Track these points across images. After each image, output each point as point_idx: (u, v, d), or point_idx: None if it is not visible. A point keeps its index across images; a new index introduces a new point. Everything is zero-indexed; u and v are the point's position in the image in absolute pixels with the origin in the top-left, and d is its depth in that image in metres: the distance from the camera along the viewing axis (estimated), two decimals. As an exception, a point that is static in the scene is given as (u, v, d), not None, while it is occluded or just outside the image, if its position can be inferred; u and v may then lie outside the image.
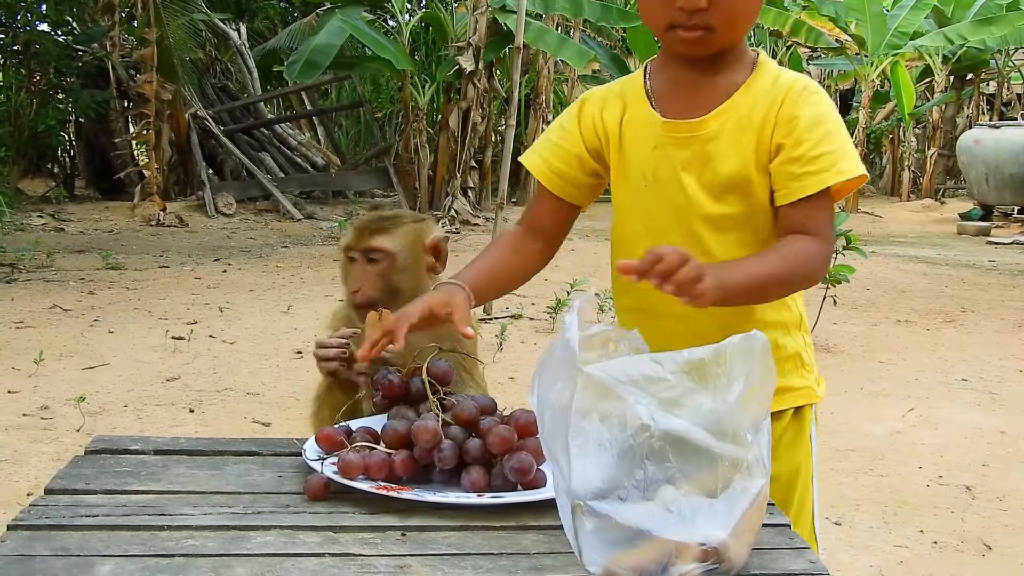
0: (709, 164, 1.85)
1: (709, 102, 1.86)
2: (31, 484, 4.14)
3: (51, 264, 9.57)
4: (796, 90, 1.84)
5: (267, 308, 7.87)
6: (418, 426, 1.53)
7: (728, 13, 1.78)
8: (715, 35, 1.80)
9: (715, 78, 1.87)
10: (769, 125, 1.82)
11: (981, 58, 20.61)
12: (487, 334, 6.79)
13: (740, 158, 1.83)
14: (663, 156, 1.88)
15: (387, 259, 2.05)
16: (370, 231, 2.06)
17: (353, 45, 16.16)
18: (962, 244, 14.39)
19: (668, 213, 1.89)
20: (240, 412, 5.24)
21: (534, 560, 1.32)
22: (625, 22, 14.84)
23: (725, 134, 1.84)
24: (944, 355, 7.09)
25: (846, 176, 1.78)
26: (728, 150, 1.84)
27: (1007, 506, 4.31)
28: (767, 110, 1.83)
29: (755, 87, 1.86)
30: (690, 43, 1.81)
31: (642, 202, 1.92)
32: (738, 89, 1.86)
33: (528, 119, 17.23)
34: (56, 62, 14.06)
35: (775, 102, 1.83)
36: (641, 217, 1.93)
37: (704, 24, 1.78)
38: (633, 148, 1.92)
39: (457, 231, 13.57)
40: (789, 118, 1.81)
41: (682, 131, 1.87)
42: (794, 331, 1.96)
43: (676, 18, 1.79)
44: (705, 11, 1.76)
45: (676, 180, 1.87)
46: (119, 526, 1.36)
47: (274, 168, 15.79)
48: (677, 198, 1.87)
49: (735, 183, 1.84)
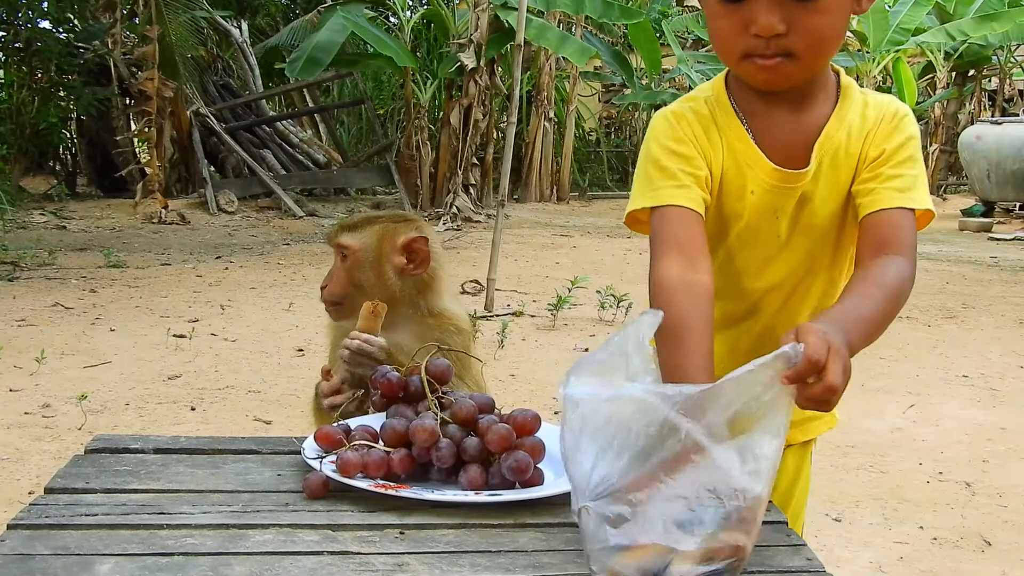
0: (807, 206, 1.76)
1: (806, 141, 1.74)
2: (32, 482, 4.15)
3: (53, 262, 9.58)
4: (887, 119, 1.75)
5: (269, 306, 7.88)
6: (416, 425, 1.54)
7: (810, 37, 1.62)
8: (797, 62, 1.64)
9: (805, 115, 1.75)
10: (861, 154, 1.74)
11: (983, 54, 20.58)
12: (488, 331, 6.80)
13: (838, 198, 1.75)
14: (764, 203, 1.76)
15: (351, 256, 2.10)
16: (340, 228, 2.14)
17: (355, 42, 16.17)
18: (964, 240, 14.39)
19: (754, 255, 1.81)
20: (241, 410, 5.25)
21: (532, 558, 1.32)
22: (627, 19, 14.84)
23: (822, 175, 1.74)
24: (945, 351, 7.10)
25: (919, 205, 1.69)
26: (825, 192, 1.75)
27: (1007, 502, 4.31)
28: (858, 141, 1.73)
29: (845, 117, 1.75)
30: (768, 71, 1.65)
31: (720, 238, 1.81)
32: (828, 121, 1.74)
33: (529, 116, 17.23)
34: (58, 59, 14.08)
35: (868, 136, 1.73)
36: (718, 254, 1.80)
37: (783, 50, 1.62)
38: (730, 186, 1.77)
39: (459, 228, 13.58)
40: (880, 144, 1.73)
41: (790, 181, 1.74)
42: None
43: (752, 46, 1.63)
44: (784, 36, 1.60)
45: (773, 224, 1.78)
46: (119, 525, 1.37)
47: (276, 165, 15.78)
48: (769, 242, 1.79)
49: (832, 223, 1.77)
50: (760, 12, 1.59)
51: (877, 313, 1.56)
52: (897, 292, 1.60)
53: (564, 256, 10.90)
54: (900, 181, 1.69)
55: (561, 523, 1.40)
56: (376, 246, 2.10)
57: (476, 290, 8.53)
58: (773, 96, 1.73)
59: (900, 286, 1.61)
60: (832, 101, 1.76)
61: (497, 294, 8.07)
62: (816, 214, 1.76)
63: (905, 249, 1.65)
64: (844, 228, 1.79)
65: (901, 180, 1.69)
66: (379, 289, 2.07)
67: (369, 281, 2.09)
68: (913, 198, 1.69)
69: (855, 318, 1.52)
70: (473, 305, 7.83)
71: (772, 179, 1.74)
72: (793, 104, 1.74)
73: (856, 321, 1.51)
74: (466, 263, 9.96)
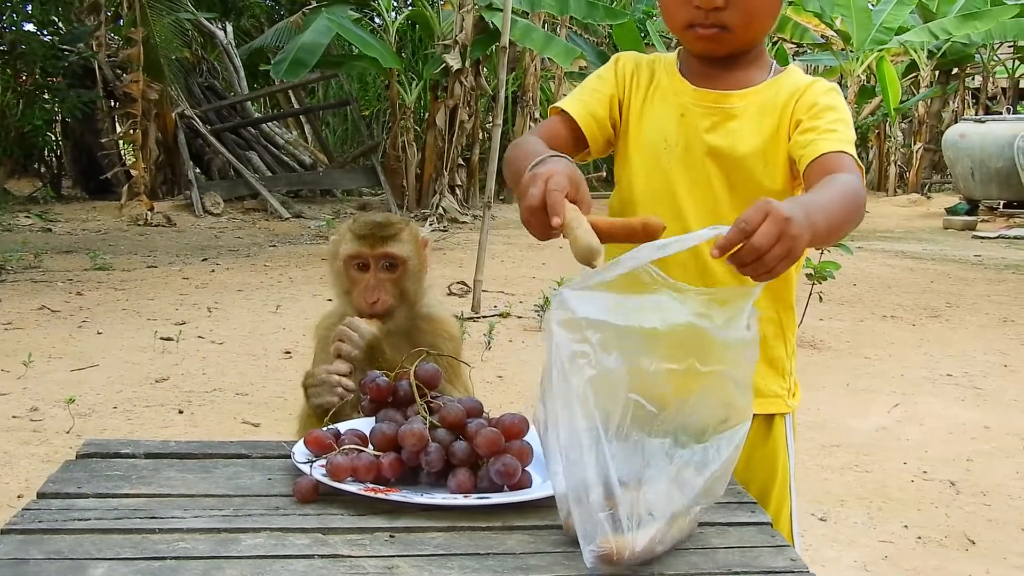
0: (727, 139, 1.89)
1: (735, 86, 1.92)
2: (21, 486, 4.14)
3: (39, 265, 9.57)
4: (818, 86, 1.90)
5: (256, 308, 7.88)
6: (405, 430, 1.55)
7: (744, 12, 1.82)
8: (731, 34, 1.84)
9: (736, 72, 1.92)
10: (789, 107, 1.87)
11: (966, 53, 20.69)
12: (475, 333, 6.81)
13: (758, 140, 1.88)
14: (688, 124, 1.91)
15: (401, 265, 2.04)
16: (383, 238, 2.03)
17: (340, 43, 16.17)
18: (948, 239, 14.46)
19: (684, 179, 1.91)
20: (230, 412, 5.25)
21: (520, 560, 1.33)
22: (611, 19, 14.87)
23: (748, 116, 1.89)
24: (929, 350, 7.14)
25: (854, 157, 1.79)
26: (749, 130, 1.88)
27: (991, 501, 4.35)
28: (789, 96, 1.88)
29: (780, 82, 1.92)
30: (706, 40, 1.86)
31: (656, 167, 1.94)
32: (762, 83, 1.92)
33: (515, 117, 17.25)
34: (42, 62, 14.03)
35: (797, 90, 1.88)
36: (652, 183, 1.94)
37: (720, 23, 1.82)
38: (656, 113, 1.95)
39: (445, 229, 13.58)
40: (810, 103, 1.86)
41: (709, 100, 1.91)
42: (789, 334, 1.99)
43: (693, 16, 1.84)
44: (722, 10, 1.81)
45: (697, 148, 1.90)
46: (111, 530, 1.38)
47: (261, 167, 15.78)
48: (696, 166, 1.90)
49: (749, 164, 1.87)
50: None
51: (833, 203, 1.60)
52: (853, 191, 1.66)
53: (550, 257, 10.90)
54: (838, 135, 1.80)
55: (549, 525, 1.42)
56: (417, 251, 2.07)
57: (463, 291, 8.54)
58: (711, 61, 1.92)
59: (851, 187, 1.66)
60: (766, 73, 1.94)
61: (484, 295, 8.08)
62: (735, 149, 1.88)
63: (852, 171, 1.73)
64: (764, 171, 1.88)
65: (838, 134, 1.80)
66: (417, 294, 2.06)
67: (412, 288, 2.06)
68: (851, 151, 1.79)
69: (816, 202, 1.56)
70: (460, 307, 7.84)
71: (693, 98, 1.92)
72: (728, 67, 1.92)
73: (817, 205, 1.54)
74: (453, 264, 9.97)
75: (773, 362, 1.96)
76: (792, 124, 1.86)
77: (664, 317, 1.35)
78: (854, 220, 1.67)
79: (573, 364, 1.31)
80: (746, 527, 1.46)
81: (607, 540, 1.27)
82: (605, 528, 1.27)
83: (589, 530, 1.27)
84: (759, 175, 1.88)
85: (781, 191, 1.87)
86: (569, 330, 1.33)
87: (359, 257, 2.03)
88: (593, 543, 1.27)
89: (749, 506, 1.54)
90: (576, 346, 1.32)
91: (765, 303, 1.87)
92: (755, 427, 1.94)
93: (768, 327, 1.90)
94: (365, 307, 2.01)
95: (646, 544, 1.29)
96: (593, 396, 1.30)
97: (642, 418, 1.33)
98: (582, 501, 1.28)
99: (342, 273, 2.07)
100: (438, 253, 10.61)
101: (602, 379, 1.31)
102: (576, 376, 1.30)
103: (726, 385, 1.37)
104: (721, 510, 1.49)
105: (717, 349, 1.36)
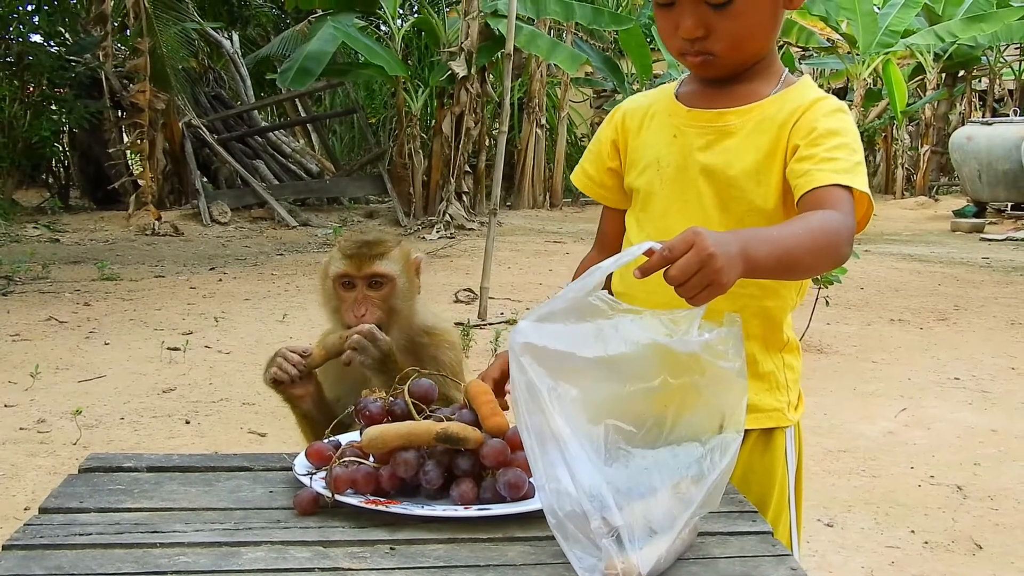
0: (721, 157, 1.87)
1: (733, 103, 1.90)
2: (28, 498, 4.15)
3: (47, 275, 9.58)
4: (822, 105, 1.84)
5: (263, 317, 7.89)
6: (399, 458, 1.55)
7: (728, 38, 1.81)
8: (720, 59, 1.84)
9: (739, 87, 1.90)
10: (787, 128, 1.83)
11: (972, 55, 20.67)
12: (481, 340, 6.81)
13: (753, 158, 1.85)
14: (681, 144, 1.91)
15: (388, 284, 2.05)
16: (370, 257, 2.04)
17: (346, 52, 16.20)
18: (956, 241, 14.43)
19: (675, 198, 1.91)
20: (236, 423, 5.26)
21: (520, 572, 1.34)
22: (617, 25, 14.89)
23: (744, 133, 1.87)
24: (937, 354, 7.12)
25: (857, 186, 1.72)
26: (744, 148, 1.86)
27: (998, 505, 4.33)
28: (789, 115, 1.84)
29: (785, 97, 1.88)
30: (698, 67, 1.88)
31: (650, 188, 1.95)
32: (767, 98, 1.88)
33: (521, 123, 17.26)
34: (49, 73, 14.10)
35: (798, 109, 1.84)
36: (648, 203, 1.96)
37: (706, 50, 1.83)
38: (652, 136, 1.97)
39: (452, 236, 13.59)
40: (809, 128, 1.80)
41: (704, 119, 1.90)
42: (773, 350, 1.95)
43: (681, 46, 1.85)
44: (704, 39, 1.81)
45: (690, 167, 1.89)
46: (113, 544, 1.39)
47: (268, 176, 15.80)
48: (688, 185, 1.90)
49: (741, 182, 1.85)
50: (682, 17, 1.81)
51: (790, 237, 1.58)
52: (821, 228, 1.62)
53: (557, 263, 10.90)
54: (835, 164, 1.73)
55: (550, 536, 1.41)
56: (406, 270, 2.08)
57: (469, 298, 8.54)
58: (711, 86, 1.93)
59: (824, 224, 1.63)
60: (774, 85, 1.90)
61: (490, 302, 8.08)
62: (731, 166, 1.86)
63: (839, 207, 1.67)
64: (757, 190, 1.85)
65: (836, 163, 1.73)
66: (408, 312, 2.07)
67: (402, 306, 2.07)
68: (852, 179, 1.72)
69: (763, 235, 1.56)
70: (467, 314, 7.84)
71: (685, 119, 1.92)
72: (731, 83, 1.90)
73: (764, 238, 1.54)
74: (459, 271, 9.97)
75: (764, 377, 1.93)
76: (790, 149, 1.82)
77: (627, 339, 1.37)
78: (825, 256, 1.64)
79: (546, 396, 1.32)
80: (747, 536, 1.46)
81: (612, 564, 1.27)
82: (609, 552, 1.27)
83: (589, 563, 1.28)
84: (751, 194, 1.85)
85: (773, 210, 1.84)
86: (537, 362, 1.35)
87: (346, 276, 2.05)
88: (597, 572, 1.27)
89: (750, 515, 1.54)
90: (548, 380, 1.33)
91: (748, 319, 1.79)
92: (752, 441, 1.94)
93: (753, 344, 1.88)
94: (353, 322, 2.02)
95: (653, 565, 1.29)
96: (569, 426, 1.31)
97: (624, 438, 1.34)
98: (579, 534, 1.29)
99: (331, 292, 2.08)
100: (445, 260, 10.60)
101: (579, 407, 1.33)
102: (552, 409, 1.32)
103: (703, 393, 1.39)
104: (721, 519, 1.49)
105: (684, 360, 1.37)
